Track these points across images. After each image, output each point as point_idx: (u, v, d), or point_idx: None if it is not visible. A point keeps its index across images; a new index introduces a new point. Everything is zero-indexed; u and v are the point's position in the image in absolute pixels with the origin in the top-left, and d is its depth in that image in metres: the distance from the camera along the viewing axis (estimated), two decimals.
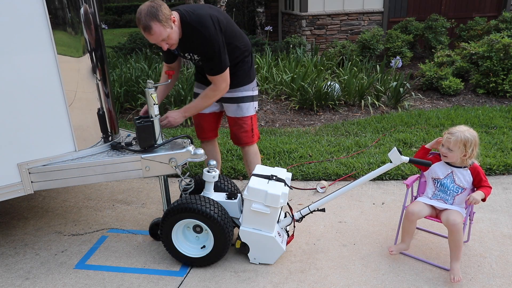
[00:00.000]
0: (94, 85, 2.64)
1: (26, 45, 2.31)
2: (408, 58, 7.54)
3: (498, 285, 2.39)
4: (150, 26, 2.39)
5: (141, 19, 2.40)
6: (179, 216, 2.51)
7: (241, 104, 2.97)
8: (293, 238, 2.83)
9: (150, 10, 2.38)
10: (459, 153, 2.46)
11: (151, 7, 2.38)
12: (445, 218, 2.41)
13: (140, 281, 2.53)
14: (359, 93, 5.77)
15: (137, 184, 3.82)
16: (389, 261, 2.63)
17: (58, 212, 3.38)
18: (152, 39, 2.47)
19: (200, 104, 2.81)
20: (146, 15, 2.38)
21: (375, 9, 9.00)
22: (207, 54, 2.63)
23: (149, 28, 2.40)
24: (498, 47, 5.79)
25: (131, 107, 5.83)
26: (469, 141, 2.43)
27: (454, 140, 2.44)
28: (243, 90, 2.95)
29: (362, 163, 3.91)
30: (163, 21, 2.41)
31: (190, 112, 2.82)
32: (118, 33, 15.78)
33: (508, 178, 3.65)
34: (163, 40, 2.50)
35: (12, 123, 2.38)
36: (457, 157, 2.49)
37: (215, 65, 2.65)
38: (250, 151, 3.14)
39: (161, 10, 2.40)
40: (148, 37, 2.48)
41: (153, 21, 2.39)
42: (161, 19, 2.40)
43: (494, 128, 4.68)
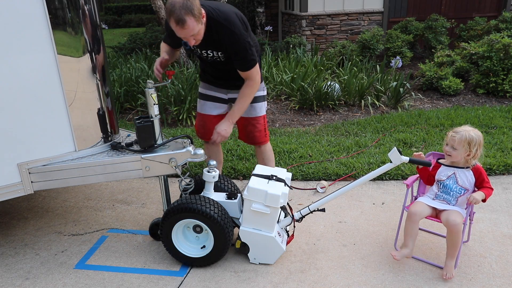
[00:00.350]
0: (94, 85, 2.65)
1: (26, 45, 2.31)
2: (408, 58, 7.54)
3: (498, 285, 2.39)
4: (185, 20, 2.33)
5: (174, 12, 2.31)
6: (179, 216, 2.51)
7: (254, 104, 2.96)
8: (293, 238, 2.83)
9: (186, 4, 2.31)
10: (463, 152, 2.46)
11: (187, 1, 2.32)
12: (445, 218, 2.41)
13: (140, 281, 2.53)
14: (359, 93, 5.77)
15: (137, 184, 3.82)
16: (389, 261, 2.63)
17: (58, 212, 3.38)
18: (182, 33, 2.41)
19: (244, 105, 2.76)
20: (181, 8, 2.31)
21: (375, 9, 9.00)
22: (237, 51, 2.59)
23: (183, 22, 2.33)
24: (498, 47, 5.79)
25: (131, 107, 5.84)
26: (474, 140, 2.43)
27: (459, 139, 2.44)
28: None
29: (362, 163, 3.91)
30: (197, 16, 2.37)
31: (236, 117, 2.77)
32: (118, 33, 15.78)
33: (508, 178, 3.65)
34: (192, 35, 2.44)
35: (12, 123, 2.38)
36: (461, 156, 2.48)
37: (247, 60, 2.63)
38: (266, 149, 3.18)
39: (195, 5, 2.35)
40: (178, 31, 2.40)
41: (188, 15, 2.33)
42: (196, 14, 2.36)
43: (494, 128, 4.68)
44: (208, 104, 3.05)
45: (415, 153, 2.57)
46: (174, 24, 2.37)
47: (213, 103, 3.03)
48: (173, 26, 2.38)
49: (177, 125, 5.32)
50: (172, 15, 2.33)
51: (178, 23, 2.34)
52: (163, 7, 6.70)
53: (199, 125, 3.15)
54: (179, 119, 5.36)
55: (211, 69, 2.91)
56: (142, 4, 21.85)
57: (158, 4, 6.62)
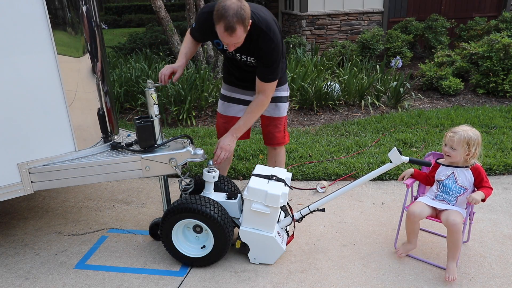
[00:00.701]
0: (94, 85, 2.65)
1: (26, 45, 2.31)
2: (408, 58, 7.54)
3: (498, 285, 2.39)
4: (235, 28, 2.25)
5: (227, 18, 2.22)
6: (179, 216, 2.51)
7: (279, 104, 2.93)
8: (293, 238, 2.83)
9: (240, 13, 2.23)
10: (463, 152, 2.46)
11: (241, 9, 2.24)
12: (445, 218, 2.41)
13: (140, 281, 2.53)
14: (359, 93, 5.77)
15: (137, 184, 3.82)
16: (389, 261, 2.63)
17: (58, 212, 3.38)
18: (228, 39, 2.33)
19: (250, 121, 2.70)
20: (234, 16, 2.22)
21: (375, 9, 9.00)
22: (269, 60, 2.53)
23: (233, 30, 2.26)
24: (498, 47, 5.79)
25: (131, 107, 5.84)
26: (472, 140, 2.43)
27: (458, 139, 2.44)
28: (281, 90, 2.91)
29: (362, 163, 3.91)
30: (246, 26, 2.31)
31: (241, 132, 2.69)
32: (118, 33, 15.78)
33: (508, 178, 3.65)
34: (236, 43, 2.39)
35: (12, 123, 2.38)
36: (461, 156, 2.48)
37: (272, 72, 2.56)
38: (281, 151, 3.13)
39: (247, 14, 2.28)
40: (224, 37, 2.32)
41: (239, 25, 2.26)
42: (246, 24, 2.30)
43: (494, 128, 4.68)
44: (233, 107, 2.97)
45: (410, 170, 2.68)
46: (221, 29, 2.28)
47: (239, 105, 2.96)
48: (220, 30, 2.29)
49: (177, 125, 5.32)
50: (223, 20, 2.24)
51: (227, 30, 2.26)
52: (163, 7, 6.70)
53: (222, 127, 3.03)
54: (179, 119, 5.36)
55: (239, 72, 2.84)
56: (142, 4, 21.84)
57: (158, 4, 6.62)
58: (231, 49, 2.47)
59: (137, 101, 5.73)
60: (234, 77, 2.91)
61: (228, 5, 2.23)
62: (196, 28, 2.68)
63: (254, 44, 2.49)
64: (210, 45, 7.08)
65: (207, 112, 5.69)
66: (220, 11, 2.24)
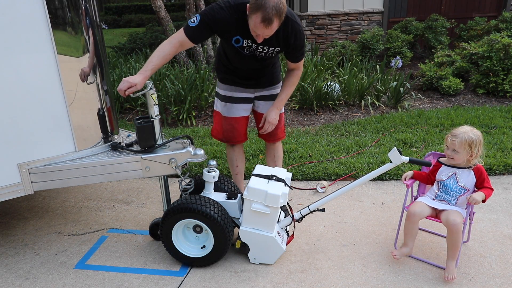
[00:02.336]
0: (94, 85, 2.65)
1: (26, 45, 2.31)
2: (408, 58, 7.54)
3: (498, 285, 2.39)
4: (273, 21, 2.29)
5: (266, 9, 2.24)
6: (179, 216, 2.51)
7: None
8: (293, 238, 2.83)
9: (279, 6, 2.27)
10: (465, 154, 2.45)
11: (280, 3, 2.28)
12: (445, 218, 2.41)
13: (140, 281, 2.53)
14: (359, 93, 5.77)
15: (137, 184, 3.82)
16: (389, 261, 2.63)
17: (58, 212, 3.38)
18: (263, 30, 2.34)
19: (290, 93, 2.82)
20: (274, 8, 2.25)
21: (375, 9, 9.00)
22: (300, 45, 2.64)
23: (271, 22, 2.29)
24: (498, 47, 5.79)
25: (131, 107, 5.84)
26: (474, 142, 2.42)
27: (459, 142, 2.43)
28: (278, 87, 3.01)
29: (362, 163, 3.91)
30: (282, 20, 2.36)
31: (283, 104, 2.81)
32: (118, 33, 15.78)
33: (508, 178, 3.65)
34: (267, 35, 2.40)
35: (12, 123, 2.38)
36: (464, 158, 2.48)
37: (302, 52, 2.71)
38: (280, 146, 3.24)
39: (285, 8, 2.33)
40: (259, 27, 2.32)
41: (276, 18, 2.30)
42: (282, 18, 2.35)
43: (494, 128, 4.68)
44: (235, 106, 2.96)
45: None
46: (258, 20, 2.28)
47: (241, 104, 2.96)
48: (256, 20, 2.30)
49: (177, 125, 5.32)
50: (261, 10, 2.25)
51: (264, 21, 2.27)
52: (163, 7, 6.70)
53: (226, 129, 3.02)
54: (179, 119, 5.36)
55: (243, 71, 2.84)
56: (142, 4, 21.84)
57: (158, 4, 6.62)
58: (260, 41, 2.45)
59: (137, 101, 5.73)
60: (236, 77, 2.89)
61: None
62: (202, 26, 2.49)
63: (283, 33, 2.52)
64: (210, 45, 7.07)
65: (207, 112, 5.69)
66: (260, 1, 2.25)
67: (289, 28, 2.53)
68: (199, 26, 2.48)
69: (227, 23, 2.46)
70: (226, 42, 2.64)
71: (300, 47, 2.67)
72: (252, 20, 2.32)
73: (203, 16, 2.47)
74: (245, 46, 2.61)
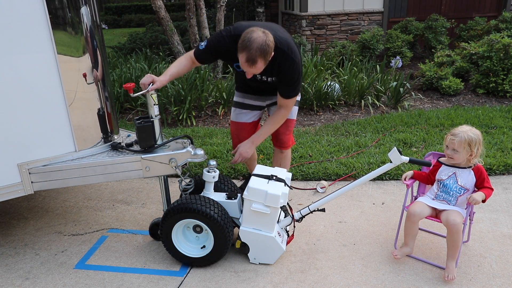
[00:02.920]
0: (94, 85, 2.65)
1: (26, 45, 2.31)
2: (408, 58, 7.54)
3: (498, 285, 2.39)
4: (256, 61, 2.34)
5: (250, 50, 2.30)
6: (179, 216, 2.51)
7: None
8: (293, 238, 2.83)
9: (263, 47, 2.31)
10: (465, 153, 2.46)
11: (265, 44, 2.31)
12: (445, 218, 2.41)
13: (140, 281, 2.53)
14: (359, 93, 5.77)
15: (137, 184, 3.82)
16: (389, 261, 2.63)
17: (58, 212, 3.38)
18: (248, 69, 2.42)
19: (271, 131, 2.78)
20: (258, 50, 2.30)
21: (375, 9, 9.00)
22: (291, 79, 2.60)
23: (255, 63, 2.34)
24: (498, 47, 5.79)
25: (131, 107, 5.84)
26: (474, 141, 2.42)
27: (458, 141, 2.43)
28: None
29: (362, 163, 3.91)
30: (267, 60, 2.39)
31: (260, 141, 2.75)
32: (118, 33, 15.78)
33: (508, 178, 3.65)
34: (255, 72, 2.45)
35: (12, 123, 2.38)
36: (463, 157, 2.48)
37: (293, 89, 2.65)
38: (288, 154, 3.18)
39: (271, 48, 2.36)
40: (245, 66, 2.40)
41: (260, 59, 2.34)
42: (268, 58, 2.38)
43: (494, 128, 4.68)
44: (244, 113, 3.02)
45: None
46: (243, 59, 2.35)
47: (250, 111, 3.02)
48: (242, 59, 2.36)
49: (177, 125, 5.32)
50: (246, 51, 2.31)
51: (247, 61, 2.34)
52: (163, 7, 6.70)
53: (233, 134, 3.11)
54: (179, 119, 5.36)
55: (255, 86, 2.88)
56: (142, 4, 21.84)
57: (158, 4, 6.62)
58: (249, 77, 2.50)
59: (137, 101, 5.73)
60: (249, 87, 2.94)
61: (254, 38, 2.30)
62: (207, 51, 2.61)
63: (276, 66, 2.54)
64: None
65: (207, 112, 5.69)
66: (246, 42, 2.31)
67: (283, 62, 2.53)
68: (205, 50, 2.60)
69: (228, 51, 2.53)
70: (230, 66, 2.71)
71: (292, 82, 2.62)
72: (239, 58, 2.38)
73: (209, 42, 2.60)
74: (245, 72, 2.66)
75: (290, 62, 2.53)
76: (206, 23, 6.99)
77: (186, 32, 8.15)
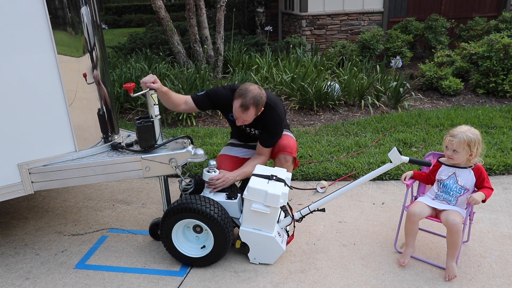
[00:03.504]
0: (94, 85, 2.65)
1: (26, 45, 2.31)
2: (408, 58, 7.54)
3: (498, 285, 2.39)
4: (249, 108, 2.65)
5: (246, 98, 2.63)
6: (179, 216, 2.51)
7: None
8: (293, 238, 2.83)
9: (257, 98, 2.66)
10: (465, 154, 2.46)
11: (259, 96, 2.68)
12: (445, 218, 2.41)
13: (140, 281, 2.53)
14: (359, 93, 5.77)
15: (137, 184, 3.82)
16: (389, 261, 2.63)
17: (58, 212, 3.38)
18: (239, 115, 2.69)
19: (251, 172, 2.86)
20: (252, 99, 2.64)
21: (375, 9, 9.00)
22: (274, 131, 2.91)
23: (247, 109, 2.65)
24: (498, 47, 5.79)
25: (131, 107, 5.84)
26: (473, 141, 2.43)
27: (457, 142, 2.43)
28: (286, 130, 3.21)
29: (362, 163, 3.91)
30: (259, 110, 2.73)
31: (242, 177, 2.90)
32: (118, 33, 15.78)
33: (508, 178, 3.65)
34: (246, 120, 2.74)
35: (13, 123, 2.38)
36: (463, 158, 2.48)
37: (274, 140, 2.94)
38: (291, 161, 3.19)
39: (262, 102, 2.72)
40: (238, 111, 2.68)
41: (253, 107, 2.66)
42: (259, 109, 2.72)
43: (494, 128, 4.68)
44: (234, 148, 3.21)
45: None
46: (237, 105, 2.66)
47: (242, 148, 3.21)
48: (236, 105, 2.67)
49: (177, 125, 5.32)
50: (241, 98, 2.65)
51: (241, 107, 2.65)
52: (163, 7, 6.70)
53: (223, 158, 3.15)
54: (179, 119, 5.36)
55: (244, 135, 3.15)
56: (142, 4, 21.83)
57: (158, 4, 6.62)
58: (239, 124, 2.78)
59: (137, 101, 5.73)
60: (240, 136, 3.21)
61: (250, 89, 2.67)
62: (206, 96, 2.90)
63: (261, 119, 2.83)
64: (210, 45, 7.07)
65: (207, 112, 5.69)
66: (242, 91, 2.67)
67: (269, 114, 2.83)
68: (204, 96, 2.91)
69: (225, 100, 2.85)
70: (225, 116, 3.06)
71: (274, 134, 2.92)
72: (234, 104, 2.70)
73: (209, 90, 2.94)
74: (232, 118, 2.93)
75: (273, 115, 2.85)
76: (206, 23, 7.00)
77: (186, 32, 8.14)
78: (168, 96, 2.77)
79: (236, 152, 3.18)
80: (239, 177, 2.84)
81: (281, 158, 2.97)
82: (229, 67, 7.16)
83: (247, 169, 2.87)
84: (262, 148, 2.94)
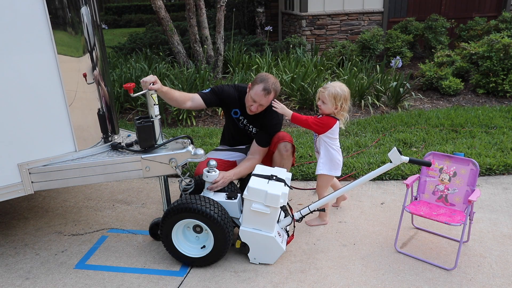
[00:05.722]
0: (94, 85, 2.65)
1: (27, 45, 2.32)
2: (408, 58, 7.54)
3: (498, 285, 2.39)
4: (270, 92, 2.82)
5: (267, 82, 2.81)
6: (179, 216, 2.51)
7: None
8: (293, 238, 2.83)
9: (277, 85, 2.87)
10: (331, 105, 2.77)
11: (278, 84, 2.90)
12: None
13: (140, 281, 2.53)
14: (359, 93, 5.77)
15: (137, 184, 3.82)
16: (389, 261, 2.63)
17: (58, 212, 3.38)
18: (261, 99, 2.81)
19: (248, 171, 2.96)
20: (273, 84, 2.84)
21: (375, 9, 9.00)
22: (272, 130, 3.01)
23: (269, 93, 2.81)
24: (498, 47, 5.79)
25: (131, 107, 5.84)
26: (339, 95, 2.74)
27: (327, 94, 2.75)
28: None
29: (362, 163, 3.91)
30: (275, 97, 2.90)
31: (238, 176, 2.93)
32: (118, 33, 15.77)
33: (508, 178, 3.65)
34: (261, 105, 2.85)
35: (13, 123, 2.38)
36: (330, 109, 2.79)
37: (271, 139, 3.02)
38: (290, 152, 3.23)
39: (279, 90, 2.92)
40: (259, 96, 2.80)
41: (273, 92, 2.84)
42: (277, 95, 2.91)
43: (494, 128, 4.68)
44: (221, 153, 3.25)
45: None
46: (259, 89, 2.79)
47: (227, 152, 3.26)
48: (258, 89, 2.79)
49: (177, 125, 5.32)
50: (263, 82, 2.81)
51: (264, 90, 2.79)
52: (163, 7, 6.70)
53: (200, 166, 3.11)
54: (179, 119, 5.36)
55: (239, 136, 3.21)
56: (142, 4, 21.83)
57: (158, 4, 6.62)
58: (253, 110, 2.87)
59: (137, 101, 5.73)
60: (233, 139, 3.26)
61: (269, 76, 2.87)
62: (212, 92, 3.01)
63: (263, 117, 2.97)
64: (210, 45, 7.07)
65: (207, 112, 5.69)
66: (263, 77, 2.86)
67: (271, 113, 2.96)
68: (211, 92, 3.01)
69: (231, 96, 3.01)
70: (227, 113, 3.15)
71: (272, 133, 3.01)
72: (254, 90, 2.82)
73: (214, 88, 3.03)
74: (240, 119, 3.09)
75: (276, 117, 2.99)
76: (206, 23, 6.99)
77: (186, 32, 8.14)
78: (171, 95, 2.77)
79: (223, 156, 3.21)
80: (235, 177, 2.86)
81: (281, 148, 2.99)
82: (229, 67, 7.16)
83: (242, 169, 2.91)
84: (257, 147, 2.98)
